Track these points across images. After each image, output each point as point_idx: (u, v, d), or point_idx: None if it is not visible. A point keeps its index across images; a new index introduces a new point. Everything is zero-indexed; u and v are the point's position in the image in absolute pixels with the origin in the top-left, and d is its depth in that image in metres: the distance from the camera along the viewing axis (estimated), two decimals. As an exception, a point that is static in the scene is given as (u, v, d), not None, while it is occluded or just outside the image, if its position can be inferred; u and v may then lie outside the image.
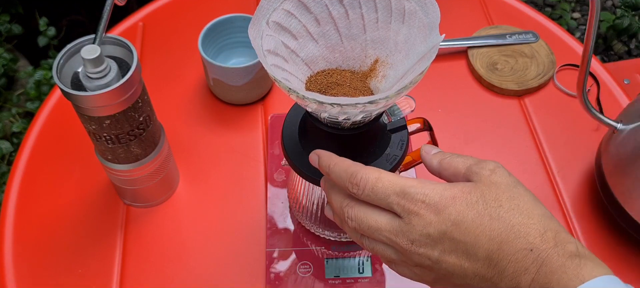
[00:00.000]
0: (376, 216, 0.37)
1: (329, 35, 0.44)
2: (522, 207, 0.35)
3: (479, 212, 0.35)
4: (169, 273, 0.59)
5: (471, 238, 0.34)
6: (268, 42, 0.40)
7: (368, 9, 0.43)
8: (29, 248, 0.61)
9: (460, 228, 0.35)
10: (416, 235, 0.36)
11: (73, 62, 0.49)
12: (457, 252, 0.35)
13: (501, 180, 0.36)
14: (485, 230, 0.34)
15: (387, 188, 0.36)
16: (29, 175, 0.67)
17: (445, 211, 0.35)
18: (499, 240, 0.34)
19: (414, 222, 0.36)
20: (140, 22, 0.84)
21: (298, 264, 0.58)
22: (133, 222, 0.62)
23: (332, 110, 0.36)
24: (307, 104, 0.37)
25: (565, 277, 0.32)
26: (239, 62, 0.74)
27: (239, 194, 0.65)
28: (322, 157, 0.40)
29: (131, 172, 0.56)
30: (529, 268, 0.33)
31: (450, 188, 0.36)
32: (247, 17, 0.71)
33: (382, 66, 0.44)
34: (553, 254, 0.33)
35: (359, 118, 0.39)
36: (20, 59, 1.47)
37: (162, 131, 0.59)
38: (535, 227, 0.34)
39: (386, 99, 0.36)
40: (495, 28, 0.82)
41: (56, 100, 0.74)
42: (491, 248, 0.34)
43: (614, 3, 1.97)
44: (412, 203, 0.36)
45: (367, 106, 0.36)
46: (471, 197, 0.35)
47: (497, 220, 0.34)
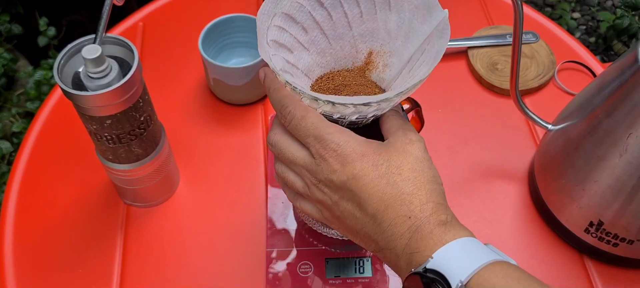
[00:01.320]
0: (294, 149, 0.41)
1: (317, 40, 0.44)
2: (418, 179, 0.38)
3: (379, 174, 0.38)
4: (169, 273, 0.59)
5: (365, 194, 0.38)
6: (276, 61, 0.41)
7: (350, 5, 0.43)
8: (29, 248, 0.61)
9: (358, 183, 0.38)
10: (322, 177, 0.39)
11: (74, 62, 0.49)
12: (352, 202, 0.39)
13: (413, 151, 0.39)
14: (379, 192, 0.38)
15: (307, 129, 0.39)
16: (29, 175, 0.67)
17: (351, 165, 0.38)
18: (386, 203, 0.37)
19: (322, 166, 0.39)
20: (140, 22, 0.84)
21: (298, 264, 0.58)
22: (133, 222, 0.62)
23: (346, 110, 0.37)
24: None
25: (431, 242, 0.36)
26: (239, 62, 0.74)
27: (239, 194, 0.65)
28: (267, 76, 0.42)
29: (132, 171, 0.56)
30: (404, 234, 0.37)
31: (364, 145, 0.39)
32: (247, 17, 0.72)
33: (380, 56, 0.44)
34: (426, 222, 0.37)
35: (371, 114, 0.40)
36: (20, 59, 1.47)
37: (162, 131, 0.59)
38: (419, 197, 0.37)
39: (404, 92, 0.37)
40: (495, 28, 0.82)
41: (56, 100, 0.74)
42: (378, 208, 0.38)
43: (614, 3, 1.97)
44: (324, 149, 0.39)
45: (381, 104, 0.37)
46: (379, 159, 0.38)
47: (391, 186, 0.38)
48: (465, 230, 0.37)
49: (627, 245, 0.56)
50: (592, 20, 1.92)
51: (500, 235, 0.62)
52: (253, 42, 0.74)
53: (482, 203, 0.64)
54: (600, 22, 1.85)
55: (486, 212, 0.64)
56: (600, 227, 0.56)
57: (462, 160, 0.68)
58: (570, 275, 0.59)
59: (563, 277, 0.59)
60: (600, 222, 0.55)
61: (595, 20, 1.91)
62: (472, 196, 0.65)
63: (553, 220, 0.61)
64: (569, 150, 0.56)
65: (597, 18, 1.90)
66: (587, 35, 1.87)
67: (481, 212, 0.64)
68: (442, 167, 0.45)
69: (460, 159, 0.68)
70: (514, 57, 0.55)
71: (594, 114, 0.53)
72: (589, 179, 0.54)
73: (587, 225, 0.57)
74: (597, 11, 1.91)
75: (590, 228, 0.57)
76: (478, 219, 0.63)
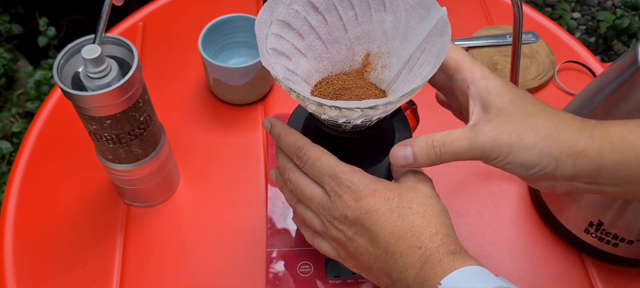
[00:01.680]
0: (311, 187, 0.42)
1: (314, 46, 0.44)
2: (428, 212, 0.40)
3: (391, 208, 0.40)
4: (169, 273, 0.59)
5: (377, 228, 0.39)
6: (278, 70, 0.41)
7: (344, 8, 0.43)
8: (29, 248, 0.61)
9: (371, 218, 0.40)
10: (337, 214, 0.41)
11: (74, 62, 0.49)
12: (365, 237, 0.40)
13: (421, 188, 0.41)
14: (390, 225, 0.39)
15: (323, 168, 0.41)
16: (29, 175, 0.67)
17: (364, 200, 0.40)
18: (397, 235, 0.39)
19: (337, 202, 0.41)
20: (140, 22, 0.84)
21: (298, 264, 0.58)
22: (133, 222, 0.62)
23: (352, 114, 0.37)
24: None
25: (440, 270, 0.37)
26: (239, 62, 0.74)
27: (239, 194, 0.65)
28: (274, 126, 0.45)
29: (132, 171, 0.56)
30: (415, 264, 0.38)
31: (375, 182, 0.41)
32: (247, 17, 0.72)
33: (377, 58, 0.44)
34: (435, 252, 0.38)
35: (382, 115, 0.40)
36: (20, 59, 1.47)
37: (162, 131, 0.59)
38: (429, 229, 0.39)
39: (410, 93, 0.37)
40: (495, 28, 0.82)
41: (56, 100, 0.74)
42: (390, 240, 0.39)
43: (614, 3, 1.97)
44: (339, 187, 0.41)
45: (388, 106, 0.37)
46: (390, 194, 0.40)
47: (402, 219, 0.39)
48: (474, 260, 0.38)
49: (627, 245, 0.56)
50: (592, 20, 1.92)
51: (500, 235, 0.62)
52: (253, 42, 0.74)
53: (482, 204, 0.64)
54: (600, 22, 1.85)
55: (486, 212, 0.64)
56: (600, 227, 0.56)
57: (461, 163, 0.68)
58: (570, 275, 0.59)
59: (563, 277, 0.59)
60: (600, 222, 0.55)
61: (595, 20, 1.91)
62: (472, 196, 0.65)
63: (553, 220, 0.61)
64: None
65: (597, 18, 1.90)
66: (587, 35, 1.87)
67: (481, 212, 0.64)
68: (442, 167, 0.45)
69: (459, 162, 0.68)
70: (514, 57, 0.55)
71: (594, 114, 0.53)
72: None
73: (586, 225, 0.57)
74: (597, 11, 1.91)
75: (590, 228, 0.57)
76: (478, 219, 0.63)
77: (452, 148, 0.39)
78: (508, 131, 0.38)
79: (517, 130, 0.38)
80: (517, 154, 0.38)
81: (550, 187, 0.40)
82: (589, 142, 0.37)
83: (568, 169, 0.38)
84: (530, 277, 0.59)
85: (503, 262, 0.60)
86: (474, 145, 0.39)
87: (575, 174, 0.38)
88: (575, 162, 0.37)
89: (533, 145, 0.38)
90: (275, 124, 0.45)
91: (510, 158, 0.38)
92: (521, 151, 0.38)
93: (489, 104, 0.40)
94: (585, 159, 0.37)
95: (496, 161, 0.39)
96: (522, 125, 0.38)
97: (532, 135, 0.38)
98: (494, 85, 0.40)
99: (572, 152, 0.37)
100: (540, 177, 0.39)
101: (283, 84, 0.38)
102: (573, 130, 0.38)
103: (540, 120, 0.38)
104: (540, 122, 0.38)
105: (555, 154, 0.38)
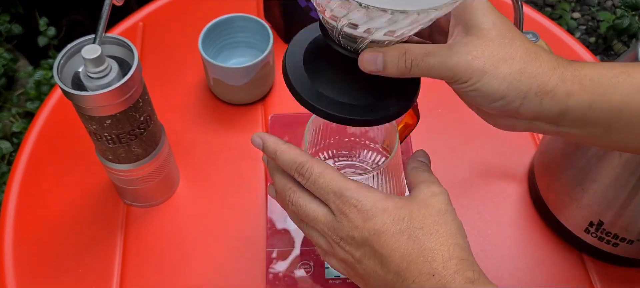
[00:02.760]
0: (315, 206, 0.40)
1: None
2: (441, 232, 0.37)
3: (401, 229, 0.37)
4: (169, 273, 0.59)
5: (387, 251, 0.37)
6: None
7: None
8: (29, 248, 0.61)
9: (380, 240, 0.37)
10: (343, 234, 0.39)
11: (74, 62, 0.49)
12: (374, 259, 0.38)
13: (436, 204, 0.39)
14: (400, 248, 0.37)
15: (327, 185, 0.39)
16: (29, 175, 0.67)
17: (372, 220, 0.37)
18: (409, 259, 0.37)
19: (343, 222, 0.38)
20: (140, 22, 0.84)
21: (298, 264, 0.58)
22: (133, 221, 0.62)
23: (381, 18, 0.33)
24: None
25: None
26: (239, 62, 0.74)
27: (239, 194, 0.65)
28: (267, 141, 0.41)
29: (132, 171, 0.56)
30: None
31: (384, 200, 0.38)
32: (247, 17, 0.72)
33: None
34: (451, 280, 0.36)
35: (407, 31, 0.36)
36: (20, 59, 1.47)
37: (162, 131, 0.59)
38: (442, 254, 0.36)
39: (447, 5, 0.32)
40: (495, 28, 0.82)
41: (56, 100, 0.74)
42: (401, 265, 0.37)
43: (614, 3, 1.97)
44: (345, 205, 0.38)
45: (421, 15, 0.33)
46: (400, 213, 0.38)
47: (413, 240, 0.37)
48: (493, 286, 0.37)
49: (627, 245, 0.56)
50: (592, 20, 1.92)
51: (500, 235, 0.62)
52: (253, 43, 0.74)
53: (482, 203, 0.64)
54: (600, 22, 1.85)
55: (486, 212, 0.64)
56: (600, 227, 0.56)
57: (462, 160, 0.68)
58: (570, 275, 0.59)
59: (563, 277, 0.59)
60: (600, 221, 0.55)
61: (595, 20, 1.91)
62: (472, 196, 0.65)
63: (553, 220, 0.61)
64: (569, 150, 0.56)
65: (597, 18, 1.90)
66: (587, 35, 1.87)
67: (481, 212, 0.64)
68: (442, 167, 0.45)
69: (460, 159, 0.68)
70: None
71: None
72: (589, 179, 0.54)
73: (587, 225, 0.57)
74: (597, 11, 1.91)
75: (590, 228, 0.57)
76: (478, 219, 0.63)
77: (425, 63, 0.36)
78: (484, 56, 0.36)
79: (493, 58, 0.36)
80: (487, 82, 0.36)
81: (510, 125, 0.39)
82: (560, 82, 0.36)
83: (533, 107, 0.36)
84: (530, 277, 0.59)
85: (503, 262, 0.60)
86: (446, 64, 0.36)
87: (539, 113, 0.36)
88: (542, 101, 0.36)
89: (505, 76, 0.36)
90: (268, 139, 0.41)
91: (478, 85, 0.36)
92: (491, 79, 0.36)
93: (472, 23, 0.37)
94: (552, 99, 0.36)
95: (465, 85, 0.37)
96: (499, 53, 0.36)
97: (507, 66, 0.36)
98: (479, 3, 0.37)
99: (541, 91, 0.36)
100: (503, 112, 0.37)
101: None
102: (546, 69, 0.36)
103: (518, 52, 0.36)
104: (518, 53, 0.36)
105: (524, 89, 0.36)
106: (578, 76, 0.36)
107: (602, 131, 0.37)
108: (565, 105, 0.36)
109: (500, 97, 0.36)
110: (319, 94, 0.39)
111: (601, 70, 0.36)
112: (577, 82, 0.36)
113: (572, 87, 0.36)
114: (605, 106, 0.35)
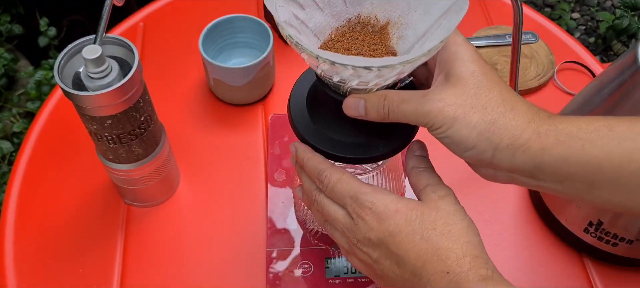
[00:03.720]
0: (335, 208, 0.41)
1: (334, 2, 0.43)
2: (453, 232, 0.38)
3: (413, 229, 0.38)
4: (169, 273, 0.59)
5: (402, 251, 0.38)
6: (282, 13, 0.39)
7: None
8: (29, 248, 0.61)
9: (395, 240, 0.38)
10: (360, 236, 0.40)
11: (74, 62, 0.50)
12: (391, 259, 0.39)
13: (445, 206, 0.39)
14: (415, 248, 0.38)
15: (344, 191, 0.40)
16: (30, 175, 0.67)
17: (386, 221, 0.38)
18: (423, 259, 0.37)
19: (360, 225, 0.40)
20: (140, 22, 0.84)
21: (298, 264, 0.58)
22: (134, 221, 0.62)
23: (345, 72, 0.36)
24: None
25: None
26: (240, 62, 0.74)
27: (239, 194, 0.65)
28: (299, 149, 0.43)
29: (132, 171, 0.57)
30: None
31: (397, 202, 0.39)
32: (247, 17, 0.72)
33: (396, 28, 0.43)
34: (464, 278, 0.36)
35: (381, 82, 0.38)
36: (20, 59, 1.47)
37: (162, 131, 0.59)
38: (456, 252, 0.37)
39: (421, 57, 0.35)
40: (495, 28, 0.82)
41: (57, 100, 0.74)
42: (416, 265, 0.38)
43: (614, 3, 1.97)
44: (360, 208, 0.39)
45: (383, 70, 0.35)
46: (412, 215, 0.38)
47: (426, 241, 0.38)
48: (507, 283, 0.37)
49: (627, 245, 0.56)
50: (591, 20, 1.92)
51: (500, 235, 0.62)
52: (253, 43, 0.74)
53: (482, 204, 0.64)
54: (599, 22, 1.86)
55: (486, 212, 0.64)
56: (600, 227, 0.56)
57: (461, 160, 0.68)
58: (570, 275, 0.59)
59: (563, 277, 0.59)
60: (599, 221, 0.55)
61: (595, 20, 1.91)
62: (472, 196, 0.65)
63: (552, 220, 0.61)
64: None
65: (596, 18, 1.91)
66: (587, 35, 1.87)
67: (481, 212, 0.64)
68: (442, 167, 0.45)
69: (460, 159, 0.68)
70: (514, 57, 0.55)
71: (593, 113, 0.53)
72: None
73: (586, 224, 0.57)
74: (596, 11, 1.91)
75: (589, 228, 0.57)
76: (478, 219, 0.63)
77: (400, 109, 0.38)
78: (456, 104, 0.36)
79: (464, 106, 0.36)
80: (457, 130, 0.36)
81: (491, 175, 0.39)
82: (534, 136, 0.36)
83: (506, 160, 0.36)
84: (530, 277, 0.59)
85: (503, 261, 0.60)
86: (419, 110, 0.37)
87: (514, 166, 0.37)
88: (515, 154, 0.36)
89: (475, 126, 0.36)
90: (300, 147, 0.43)
91: (449, 132, 0.37)
92: (461, 128, 0.36)
93: (452, 72, 0.38)
94: (525, 153, 0.36)
95: (438, 132, 0.38)
96: (473, 102, 0.36)
97: (478, 116, 0.36)
98: (463, 53, 0.38)
99: (512, 144, 0.36)
100: (478, 162, 0.38)
101: (284, 30, 0.37)
102: (521, 122, 0.36)
103: (492, 103, 0.36)
104: (491, 104, 0.36)
105: (494, 141, 0.36)
106: (554, 130, 0.36)
107: (584, 187, 0.36)
108: (541, 159, 0.36)
109: (471, 146, 0.37)
110: (317, 131, 0.43)
111: (580, 124, 0.36)
112: (552, 136, 0.35)
113: (546, 141, 0.36)
114: (583, 160, 0.35)
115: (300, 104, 0.45)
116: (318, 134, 0.43)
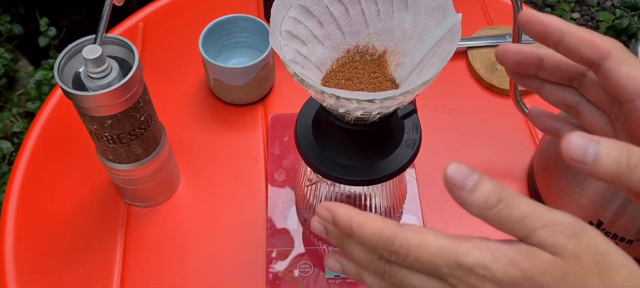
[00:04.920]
0: (423, 280, 0.31)
1: (333, 35, 0.44)
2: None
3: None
4: (169, 272, 0.59)
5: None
6: (287, 52, 0.41)
7: (368, 3, 0.43)
8: (29, 247, 0.61)
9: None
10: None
11: (74, 62, 0.50)
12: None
13: (588, 250, 0.28)
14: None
15: (435, 258, 0.30)
16: (30, 175, 0.67)
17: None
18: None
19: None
20: (140, 22, 0.84)
21: (298, 264, 0.58)
22: (134, 221, 0.63)
23: (350, 105, 0.37)
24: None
25: None
26: (240, 62, 0.74)
27: (239, 194, 0.65)
28: (339, 215, 0.32)
29: (132, 171, 0.57)
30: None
31: (520, 260, 0.28)
32: (247, 17, 0.72)
33: (393, 56, 0.44)
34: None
35: (383, 110, 0.39)
36: (20, 59, 1.47)
37: (163, 131, 0.59)
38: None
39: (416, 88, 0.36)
40: (495, 28, 0.82)
41: (57, 100, 0.74)
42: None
43: (614, 3, 1.97)
44: (473, 278, 0.29)
45: (385, 102, 0.36)
46: (545, 279, 0.28)
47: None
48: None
49: (627, 245, 0.56)
50: (591, 20, 1.92)
51: (500, 235, 0.62)
52: (253, 43, 0.74)
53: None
54: (599, 23, 1.86)
55: (486, 212, 0.64)
56: (600, 227, 0.56)
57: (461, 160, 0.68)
58: (570, 275, 0.59)
59: (562, 276, 0.59)
60: (599, 222, 0.55)
61: (595, 20, 1.91)
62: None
63: None
64: (568, 150, 0.56)
65: (596, 18, 1.91)
66: (587, 35, 1.87)
67: (481, 212, 0.64)
68: (442, 167, 0.45)
69: (460, 159, 0.68)
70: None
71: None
72: (588, 179, 0.54)
73: (586, 225, 0.57)
74: (596, 11, 1.91)
75: (589, 228, 0.57)
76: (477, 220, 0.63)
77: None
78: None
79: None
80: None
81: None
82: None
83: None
84: (530, 277, 0.59)
85: (502, 261, 0.60)
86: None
87: None
88: None
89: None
90: (338, 211, 0.32)
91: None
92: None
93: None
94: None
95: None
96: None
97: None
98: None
99: None
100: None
101: (290, 68, 0.38)
102: None
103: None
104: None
105: None
106: None
107: None
108: None
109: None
110: (324, 156, 0.45)
111: None
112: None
113: None
114: None
115: (306, 129, 0.47)
116: (325, 160, 0.44)
